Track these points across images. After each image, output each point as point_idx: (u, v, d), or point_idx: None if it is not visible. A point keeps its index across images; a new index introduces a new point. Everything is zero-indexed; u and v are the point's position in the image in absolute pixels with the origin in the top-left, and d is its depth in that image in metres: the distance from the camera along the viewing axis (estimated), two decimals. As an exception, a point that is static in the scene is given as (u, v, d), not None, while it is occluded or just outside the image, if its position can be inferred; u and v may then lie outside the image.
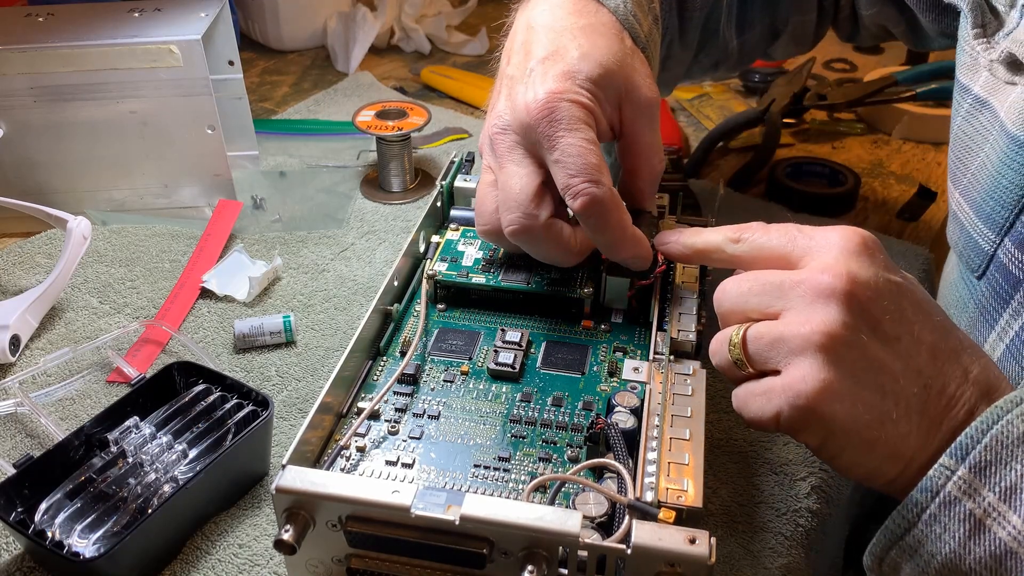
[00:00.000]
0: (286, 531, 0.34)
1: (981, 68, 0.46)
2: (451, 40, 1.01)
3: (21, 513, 0.41)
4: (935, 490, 0.33)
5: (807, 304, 0.35)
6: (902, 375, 0.35)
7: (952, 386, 0.35)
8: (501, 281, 0.49)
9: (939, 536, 0.33)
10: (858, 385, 0.34)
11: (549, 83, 0.44)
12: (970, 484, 0.32)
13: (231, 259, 0.62)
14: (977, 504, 0.32)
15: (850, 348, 0.34)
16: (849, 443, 0.35)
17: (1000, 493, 0.32)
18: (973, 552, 0.32)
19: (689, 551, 0.32)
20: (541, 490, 0.39)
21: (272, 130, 0.82)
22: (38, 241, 0.65)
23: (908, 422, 0.34)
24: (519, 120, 0.45)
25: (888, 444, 0.35)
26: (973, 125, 0.47)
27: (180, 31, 0.63)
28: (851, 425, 0.34)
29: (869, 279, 0.35)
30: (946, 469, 0.33)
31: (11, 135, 0.63)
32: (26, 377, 0.52)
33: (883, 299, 0.35)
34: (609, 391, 0.44)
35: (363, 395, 0.44)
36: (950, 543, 0.33)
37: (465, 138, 0.82)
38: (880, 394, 0.34)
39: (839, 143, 0.83)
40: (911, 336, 0.35)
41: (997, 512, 0.32)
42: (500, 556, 0.34)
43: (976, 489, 0.32)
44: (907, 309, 0.36)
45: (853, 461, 0.36)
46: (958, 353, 0.36)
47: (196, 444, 0.45)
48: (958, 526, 0.33)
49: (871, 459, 0.35)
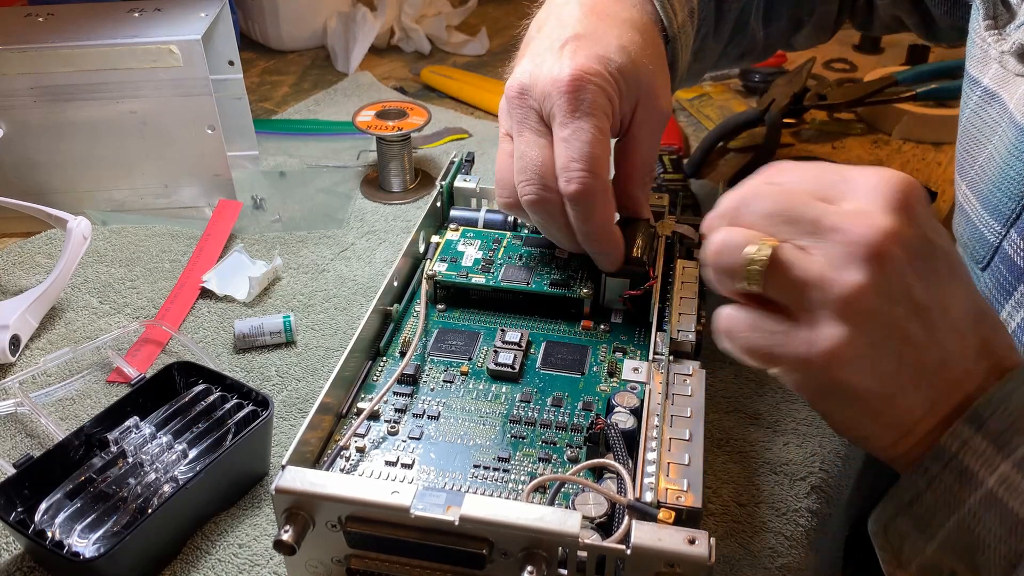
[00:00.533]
0: (286, 531, 0.34)
1: (991, 60, 0.46)
2: (451, 40, 1.01)
3: (21, 513, 0.41)
4: (947, 458, 0.32)
5: (843, 256, 0.32)
6: (923, 347, 0.33)
7: (968, 361, 0.33)
8: (501, 281, 0.50)
9: (948, 504, 0.32)
10: (878, 353, 0.33)
11: (581, 61, 0.44)
12: (983, 453, 0.32)
13: (231, 259, 0.62)
14: (990, 472, 0.32)
15: (878, 314, 0.32)
16: (854, 408, 0.34)
17: (1015, 463, 0.31)
18: (984, 521, 0.32)
19: (688, 552, 0.32)
20: (541, 490, 0.39)
21: (272, 130, 0.82)
22: (38, 241, 0.65)
23: (917, 393, 0.33)
24: (541, 89, 0.44)
25: (893, 413, 0.34)
26: (982, 117, 0.46)
27: (180, 31, 0.63)
28: (862, 392, 0.33)
29: (909, 239, 0.32)
30: (959, 437, 0.32)
31: (11, 135, 0.63)
32: (26, 377, 0.52)
33: (918, 262, 0.33)
34: (609, 391, 0.44)
35: (363, 395, 0.44)
36: (960, 511, 0.32)
37: (465, 138, 0.82)
38: (897, 363, 0.33)
39: (839, 143, 0.83)
40: (939, 306, 0.33)
41: (1011, 482, 0.31)
42: (500, 556, 0.34)
43: (989, 459, 0.32)
44: (941, 274, 0.33)
45: (852, 423, 0.35)
46: (979, 324, 0.34)
47: (196, 444, 0.45)
48: (969, 495, 0.32)
49: (872, 425, 0.34)
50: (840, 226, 0.33)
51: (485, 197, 0.58)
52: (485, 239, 0.53)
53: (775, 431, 0.50)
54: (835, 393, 0.34)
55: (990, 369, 0.34)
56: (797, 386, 0.35)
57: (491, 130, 0.83)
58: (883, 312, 0.32)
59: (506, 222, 0.55)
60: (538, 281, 0.50)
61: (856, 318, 0.32)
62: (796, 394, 0.52)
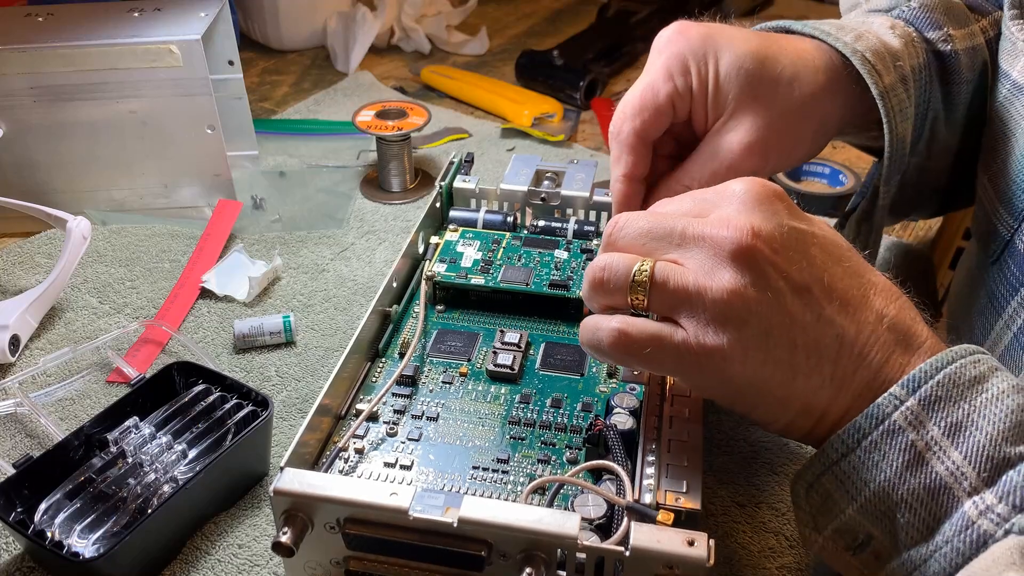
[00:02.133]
0: (284, 533, 0.35)
1: (1020, 53, 0.46)
2: (451, 40, 1.01)
3: (21, 513, 0.41)
4: (881, 417, 0.33)
5: (711, 261, 0.34)
6: (813, 326, 0.34)
7: (865, 334, 0.34)
8: (500, 282, 0.50)
9: (876, 464, 0.33)
10: (767, 343, 0.34)
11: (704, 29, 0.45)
12: (917, 416, 0.32)
13: (231, 259, 0.62)
14: (920, 436, 0.32)
15: (757, 307, 0.33)
16: (761, 401, 0.35)
17: (945, 429, 0.32)
18: (908, 483, 0.32)
19: (687, 553, 0.32)
20: (540, 492, 0.39)
21: (272, 130, 0.82)
22: (38, 241, 0.65)
23: (820, 374, 0.34)
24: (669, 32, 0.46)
25: (800, 398, 0.34)
26: (1009, 111, 0.46)
27: (180, 31, 0.63)
28: (761, 384, 0.34)
29: (773, 230, 0.34)
30: (895, 398, 0.32)
31: (11, 135, 0.63)
32: (26, 377, 0.52)
33: (789, 250, 0.34)
34: (608, 392, 0.44)
35: (362, 396, 0.44)
36: (886, 471, 0.32)
37: (465, 138, 0.82)
38: (790, 349, 0.34)
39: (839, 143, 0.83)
40: (821, 285, 0.34)
41: (939, 447, 0.32)
42: (498, 558, 0.34)
43: (922, 422, 0.32)
44: (816, 257, 0.35)
45: (768, 417, 0.36)
46: (870, 298, 0.35)
47: (196, 444, 0.45)
48: (897, 455, 0.32)
49: (785, 414, 0.35)
50: (704, 233, 0.35)
51: (484, 198, 0.58)
52: (484, 240, 0.53)
53: (774, 432, 0.50)
54: (739, 391, 0.35)
55: (895, 342, 0.34)
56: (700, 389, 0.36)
57: (491, 130, 0.83)
58: (763, 302, 0.33)
59: (505, 223, 0.55)
60: (537, 282, 0.50)
61: (736, 317, 0.33)
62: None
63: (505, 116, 0.85)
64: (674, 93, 0.45)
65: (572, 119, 0.85)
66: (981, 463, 0.31)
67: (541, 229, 0.55)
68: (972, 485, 0.31)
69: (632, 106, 0.46)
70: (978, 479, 0.31)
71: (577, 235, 0.54)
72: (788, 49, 0.46)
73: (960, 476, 0.31)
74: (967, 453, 0.31)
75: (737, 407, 0.37)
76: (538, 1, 1.17)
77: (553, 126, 0.83)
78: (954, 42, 0.48)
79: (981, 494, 0.31)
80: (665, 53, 0.45)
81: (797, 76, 0.45)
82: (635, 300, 0.36)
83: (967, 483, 0.31)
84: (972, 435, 0.31)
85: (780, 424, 0.36)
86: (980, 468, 0.31)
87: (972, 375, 0.32)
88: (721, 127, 0.45)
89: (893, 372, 0.34)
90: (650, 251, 0.36)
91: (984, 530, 0.30)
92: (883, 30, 0.47)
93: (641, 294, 0.35)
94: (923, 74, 0.47)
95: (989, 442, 0.31)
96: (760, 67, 0.44)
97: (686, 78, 0.45)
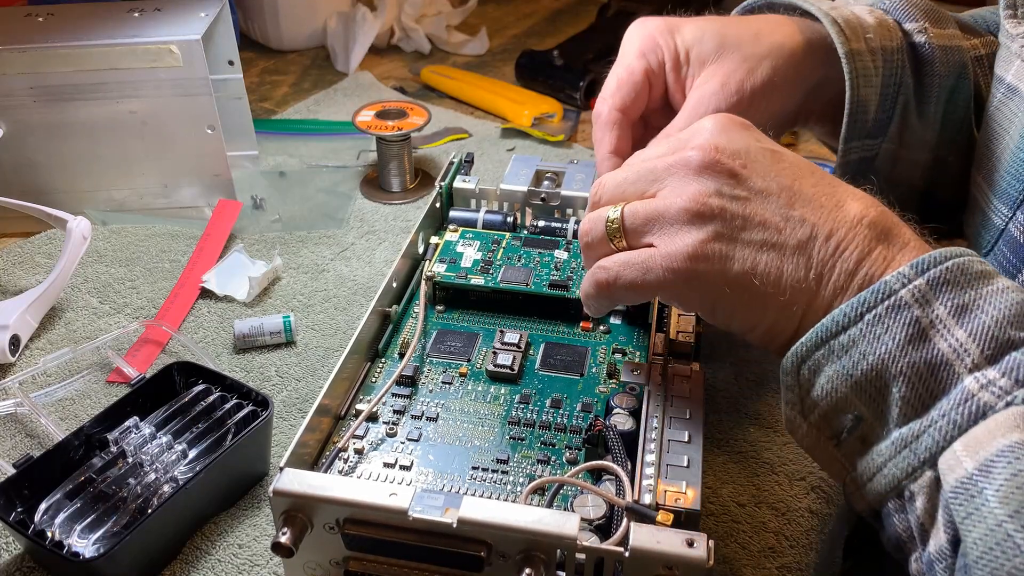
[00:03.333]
0: (283, 534, 0.35)
1: (1014, 57, 0.46)
2: (451, 40, 1.01)
3: (21, 513, 0.41)
4: (887, 292, 0.33)
5: (680, 179, 0.37)
6: (785, 225, 0.35)
7: (841, 231, 0.35)
8: (500, 282, 0.50)
9: (878, 337, 0.33)
10: (738, 243, 0.35)
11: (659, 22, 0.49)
12: (924, 295, 0.32)
13: (231, 259, 0.62)
14: (925, 314, 0.32)
15: (725, 210, 0.36)
16: (739, 301, 0.36)
17: (952, 309, 0.32)
18: (909, 356, 0.32)
19: (687, 554, 0.32)
20: (539, 492, 0.39)
21: (272, 130, 0.82)
22: (38, 241, 0.65)
23: (796, 268, 0.35)
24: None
25: (778, 295, 0.35)
26: (1003, 112, 0.47)
27: (180, 31, 0.63)
28: (736, 281, 0.35)
29: (738, 148, 0.37)
30: (903, 277, 0.33)
31: (11, 135, 0.63)
32: (26, 377, 0.52)
33: (755, 163, 0.37)
34: (608, 393, 0.44)
35: (361, 397, 0.44)
36: (888, 344, 0.32)
37: (465, 138, 0.82)
38: (763, 248, 0.35)
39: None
40: (789, 191, 0.36)
41: (944, 325, 0.32)
42: (498, 559, 0.34)
43: (928, 300, 0.32)
44: (784, 170, 0.37)
45: (748, 321, 0.37)
46: (846, 201, 0.36)
47: (196, 444, 0.45)
48: (901, 330, 0.32)
49: (765, 315, 0.36)
50: (673, 161, 0.38)
51: (484, 198, 0.58)
52: (484, 240, 0.53)
53: (775, 431, 0.50)
54: (717, 292, 0.36)
55: (875, 238, 0.35)
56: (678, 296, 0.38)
57: (491, 130, 0.83)
58: (730, 206, 0.36)
59: (505, 223, 0.55)
60: (537, 282, 0.50)
61: (706, 219, 0.36)
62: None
63: (505, 116, 0.85)
64: (648, 69, 0.48)
65: (572, 119, 0.85)
66: (986, 342, 0.31)
67: (541, 229, 0.55)
68: (975, 362, 0.31)
69: (609, 87, 0.49)
70: (981, 356, 0.31)
71: (577, 235, 0.54)
72: (754, 19, 0.50)
73: (963, 352, 0.32)
74: (972, 332, 0.32)
75: (718, 315, 0.38)
76: (538, 1, 1.17)
77: (553, 126, 0.83)
78: (929, 35, 0.50)
79: (983, 370, 0.31)
80: (634, 38, 0.49)
81: (761, 30, 0.48)
82: (617, 245, 0.39)
83: (969, 359, 0.31)
84: (978, 316, 0.32)
85: (762, 328, 0.37)
86: (984, 346, 0.31)
87: (980, 270, 0.33)
88: (695, 87, 0.48)
89: (876, 267, 0.34)
90: (631, 195, 0.39)
91: (984, 402, 0.31)
92: (861, 10, 0.49)
93: (618, 237, 0.38)
94: (896, 56, 0.49)
95: (995, 324, 0.32)
96: (723, 27, 0.48)
97: (657, 53, 0.48)
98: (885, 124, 0.50)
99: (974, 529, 0.29)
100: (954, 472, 0.30)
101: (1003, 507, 0.28)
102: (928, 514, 0.32)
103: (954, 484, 0.30)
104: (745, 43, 0.48)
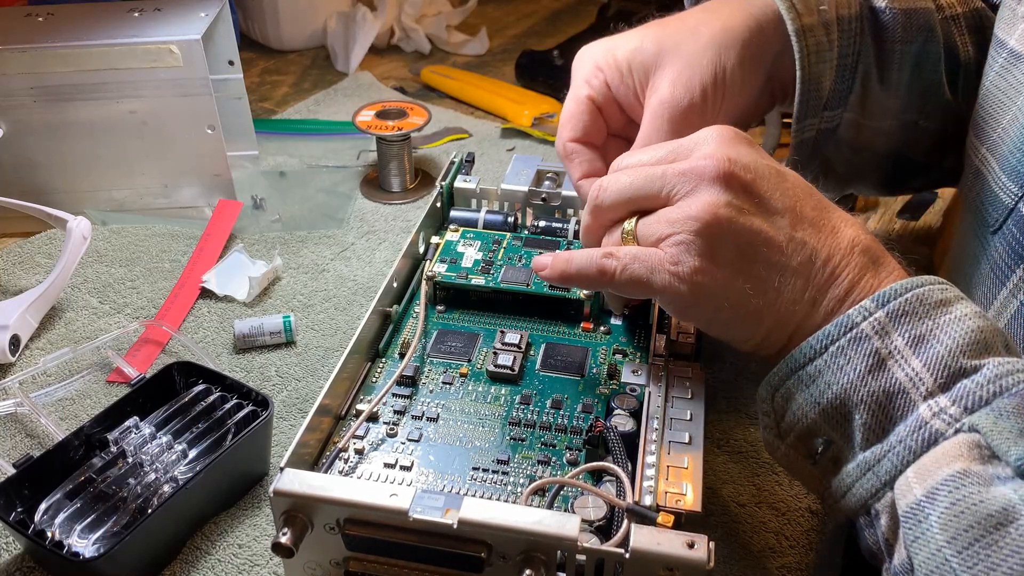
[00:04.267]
0: (284, 534, 0.35)
1: (1019, 20, 0.46)
2: (451, 40, 1.01)
3: (21, 513, 0.41)
4: (850, 325, 0.34)
5: (692, 187, 0.37)
6: (787, 246, 0.37)
7: (837, 257, 0.36)
8: (500, 283, 0.50)
9: (840, 367, 0.34)
10: (743, 258, 0.36)
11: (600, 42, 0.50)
12: (883, 326, 0.34)
13: (231, 259, 0.62)
14: (884, 345, 0.34)
15: (734, 223, 0.36)
16: (736, 315, 0.37)
17: (909, 340, 0.34)
18: (869, 385, 0.34)
19: (687, 555, 0.32)
20: (540, 493, 0.39)
21: (272, 130, 0.82)
22: (38, 241, 0.65)
23: (793, 290, 0.36)
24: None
25: (774, 313, 0.37)
26: (1007, 80, 0.46)
27: (180, 31, 0.63)
28: (737, 297, 0.37)
29: (749, 162, 0.38)
30: (865, 310, 0.34)
31: (11, 135, 0.63)
32: (26, 377, 0.52)
33: (764, 180, 0.38)
34: (608, 394, 0.44)
35: (362, 397, 0.44)
36: (849, 375, 0.34)
37: (465, 138, 0.82)
38: (765, 265, 0.36)
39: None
40: (794, 212, 0.37)
41: (901, 355, 0.34)
42: (498, 560, 0.34)
43: (888, 332, 0.34)
44: (789, 189, 0.38)
45: (743, 334, 0.38)
46: (841, 227, 0.38)
47: (196, 444, 0.45)
48: (862, 360, 0.34)
49: (759, 329, 0.37)
50: (685, 169, 0.38)
51: (485, 198, 0.58)
52: (485, 240, 0.53)
53: (774, 432, 0.50)
54: (718, 305, 0.37)
55: (865, 264, 0.37)
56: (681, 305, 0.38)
57: (491, 130, 0.83)
58: (740, 220, 0.36)
59: (506, 223, 0.55)
60: (538, 282, 0.50)
61: (716, 232, 0.36)
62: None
63: (505, 116, 0.85)
64: (591, 95, 0.48)
65: (572, 119, 0.85)
66: (939, 371, 0.33)
67: (542, 229, 0.55)
68: (928, 390, 0.33)
69: (561, 121, 0.50)
70: (934, 384, 0.33)
71: (578, 235, 0.54)
72: (694, 11, 0.49)
73: (918, 381, 0.33)
74: (927, 362, 0.33)
75: (713, 326, 0.39)
76: (538, 1, 1.17)
77: (553, 126, 0.83)
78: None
79: (936, 398, 0.33)
80: (577, 68, 0.50)
81: (700, 22, 0.48)
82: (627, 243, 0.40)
83: (923, 388, 0.33)
84: (933, 347, 0.33)
85: (755, 341, 0.38)
86: (937, 375, 0.33)
87: (939, 298, 0.34)
88: (647, 97, 0.48)
89: (864, 292, 0.36)
90: (638, 198, 0.39)
91: (936, 429, 0.32)
92: None
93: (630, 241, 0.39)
94: (853, 25, 0.49)
95: (948, 353, 0.33)
96: (659, 30, 0.48)
97: (598, 76, 0.48)
98: (845, 94, 0.50)
99: (919, 552, 0.31)
100: (906, 498, 0.32)
101: (943, 533, 0.30)
102: (891, 531, 0.33)
103: (905, 509, 0.32)
104: (684, 41, 0.47)
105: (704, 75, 0.46)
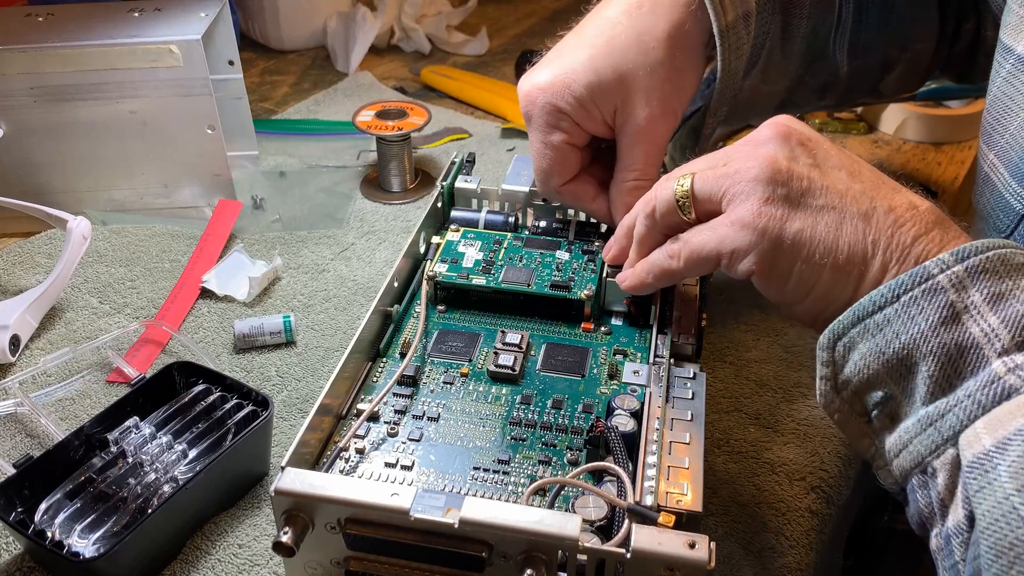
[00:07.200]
0: (285, 533, 0.35)
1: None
2: (451, 40, 1.01)
3: (21, 513, 0.41)
4: (925, 276, 0.34)
5: (751, 149, 0.39)
6: (847, 194, 0.37)
7: (900, 208, 0.37)
8: (501, 283, 0.49)
9: (912, 317, 0.34)
10: (802, 206, 0.37)
11: (543, 77, 0.49)
12: (961, 281, 0.33)
13: (231, 259, 0.62)
14: (960, 299, 0.33)
15: (792, 173, 0.37)
16: (797, 261, 0.37)
17: (987, 296, 0.33)
18: (940, 337, 0.33)
19: (688, 555, 0.32)
20: (540, 493, 0.39)
21: (272, 130, 0.82)
22: (38, 241, 0.65)
23: (855, 231, 0.36)
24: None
25: (835, 256, 0.36)
26: (1014, 86, 0.46)
27: (180, 31, 0.63)
28: (799, 239, 0.37)
29: (804, 128, 0.40)
30: (942, 263, 0.34)
31: (11, 135, 0.63)
32: (26, 377, 0.52)
33: (820, 141, 0.39)
34: (609, 394, 0.44)
35: (362, 396, 0.44)
36: (921, 325, 0.33)
37: (465, 138, 0.82)
38: (826, 212, 0.37)
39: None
40: (851, 170, 0.38)
41: (978, 310, 0.33)
42: (499, 559, 0.34)
43: (965, 287, 0.33)
44: (845, 155, 0.39)
45: (803, 284, 0.38)
46: (901, 189, 0.38)
47: (196, 444, 0.45)
48: (935, 311, 0.33)
49: (820, 280, 0.37)
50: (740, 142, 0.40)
51: (486, 198, 0.58)
52: (486, 240, 0.53)
53: (775, 431, 0.50)
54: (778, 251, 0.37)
55: (933, 223, 0.36)
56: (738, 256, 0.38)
57: (491, 130, 0.83)
58: (797, 170, 0.38)
59: (507, 223, 0.55)
60: (539, 283, 0.49)
61: (774, 181, 0.37)
62: (796, 394, 0.52)
63: (505, 116, 0.85)
64: (566, 139, 0.50)
65: (572, 119, 0.85)
66: (1018, 329, 0.32)
67: (542, 230, 0.55)
68: (1004, 347, 0.32)
69: (544, 171, 0.51)
70: (1011, 342, 0.32)
71: (579, 236, 0.54)
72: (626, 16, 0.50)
73: (994, 337, 0.32)
74: (1005, 318, 0.32)
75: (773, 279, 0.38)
76: (538, 1, 1.17)
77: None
78: None
79: (1012, 355, 0.32)
80: (533, 116, 0.50)
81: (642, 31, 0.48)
82: (687, 217, 0.41)
83: (1000, 344, 0.32)
84: (1012, 305, 0.33)
85: (815, 296, 0.38)
86: (1016, 333, 0.32)
87: (1020, 262, 0.34)
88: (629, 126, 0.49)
89: (932, 245, 0.36)
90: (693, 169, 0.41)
91: (1010, 384, 0.31)
92: None
93: (688, 208, 0.40)
94: (767, 7, 0.51)
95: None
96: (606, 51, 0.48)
97: (564, 120, 0.49)
98: (749, 71, 0.53)
99: (984, 501, 0.30)
100: (972, 448, 0.31)
101: (1012, 481, 0.29)
102: (948, 490, 0.33)
103: (971, 459, 0.31)
104: (638, 60, 0.48)
105: (667, 92, 0.49)
